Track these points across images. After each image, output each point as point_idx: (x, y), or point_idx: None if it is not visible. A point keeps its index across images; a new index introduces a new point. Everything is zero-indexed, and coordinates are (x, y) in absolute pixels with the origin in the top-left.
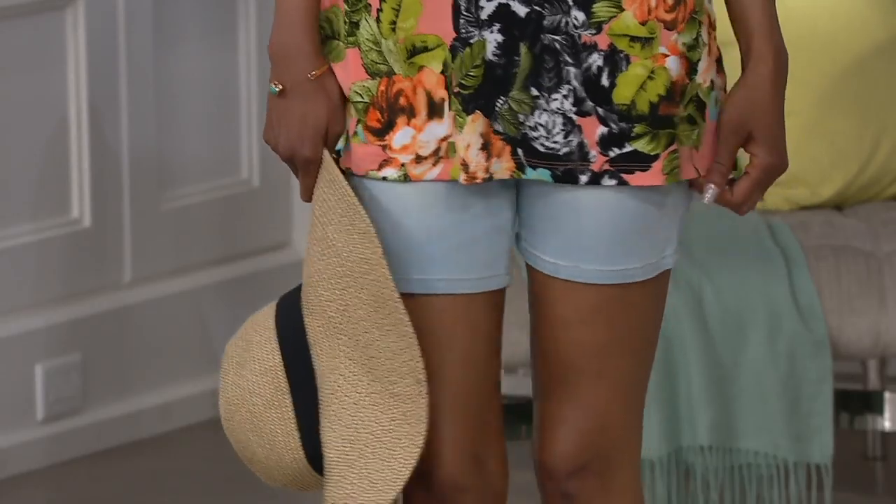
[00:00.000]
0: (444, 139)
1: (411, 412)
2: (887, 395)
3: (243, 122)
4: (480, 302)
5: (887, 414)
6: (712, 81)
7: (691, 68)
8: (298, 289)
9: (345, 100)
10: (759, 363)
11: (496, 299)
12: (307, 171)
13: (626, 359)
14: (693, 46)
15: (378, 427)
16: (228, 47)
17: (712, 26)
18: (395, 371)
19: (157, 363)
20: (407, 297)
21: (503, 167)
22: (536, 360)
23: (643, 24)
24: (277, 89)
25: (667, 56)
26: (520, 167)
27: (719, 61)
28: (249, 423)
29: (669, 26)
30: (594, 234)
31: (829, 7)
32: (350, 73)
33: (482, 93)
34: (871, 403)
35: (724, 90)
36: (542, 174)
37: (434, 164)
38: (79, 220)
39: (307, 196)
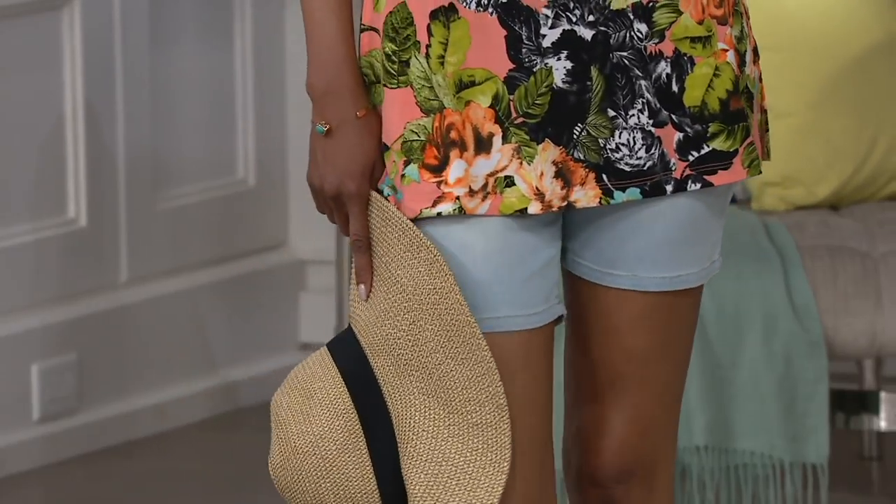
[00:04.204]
0: (492, 174)
1: (493, 439)
2: (883, 395)
3: (239, 122)
4: (537, 337)
5: (883, 414)
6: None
7: (741, 60)
8: (347, 332)
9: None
10: (755, 363)
11: (550, 331)
12: (354, 207)
13: (669, 365)
14: (741, 38)
15: (460, 458)
16: (224, 47)
17: (747, 16)
18: (473, 400)
19: (153, 363)
20: None
21: (589, 195)
22: (577, 371)
23: (700, 23)
24: (325, 129)
25: (727, 51)
26: (606, 192)
27: (755, 50)
28: (322, 469)
29: (721, 21)
30: (659, 242)
31: (826, 7)
32: (398, 113)
33: (551, 121)
34: (866, 403)
35: (760, 80)
36: (632, 194)
37: (483, 199)
38: (75, 219)
39: (346, 230)
